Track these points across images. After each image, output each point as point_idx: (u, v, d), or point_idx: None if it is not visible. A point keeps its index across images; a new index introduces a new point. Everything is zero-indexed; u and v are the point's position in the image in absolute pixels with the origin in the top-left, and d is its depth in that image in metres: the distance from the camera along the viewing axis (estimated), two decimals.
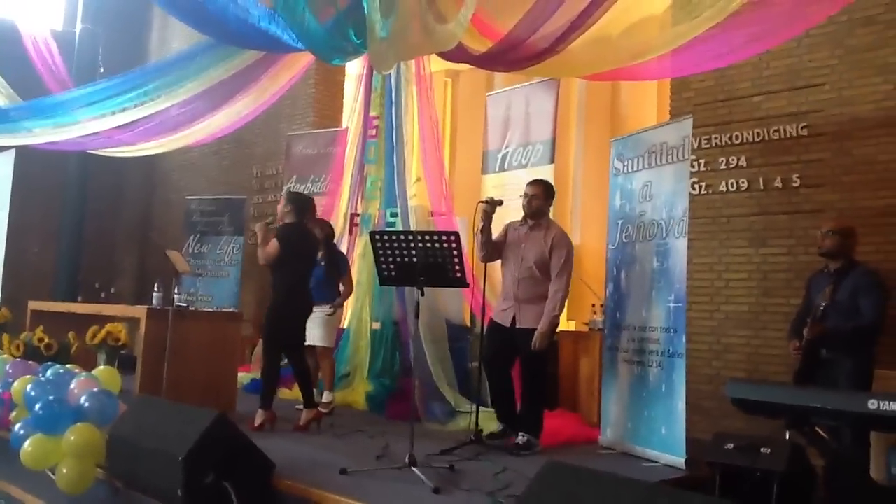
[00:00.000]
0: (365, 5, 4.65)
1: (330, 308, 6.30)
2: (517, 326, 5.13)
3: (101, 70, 10.79)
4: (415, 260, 4.47)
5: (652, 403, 5.00)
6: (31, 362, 5.78)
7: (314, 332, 6.23)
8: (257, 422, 5.55)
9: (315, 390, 6.25)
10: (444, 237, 4.43)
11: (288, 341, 5.74)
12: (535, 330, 5.03)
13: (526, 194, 5.26)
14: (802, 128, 5.71)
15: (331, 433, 5.52)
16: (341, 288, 6.58)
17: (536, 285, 5.12)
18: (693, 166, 6.08)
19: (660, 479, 4.39)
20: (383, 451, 4.84)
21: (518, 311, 5.14)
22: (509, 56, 5.17)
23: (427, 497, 3.88)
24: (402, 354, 6.92)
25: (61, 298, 9.91)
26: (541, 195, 5.23)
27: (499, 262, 5.41)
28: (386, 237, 4.58)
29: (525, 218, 5.27)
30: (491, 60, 5.45)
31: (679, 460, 4.67)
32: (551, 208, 5.39)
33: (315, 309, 6.08)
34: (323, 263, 6.41)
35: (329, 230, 6.70)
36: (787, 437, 3.96)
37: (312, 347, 6.38)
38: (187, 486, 3.76)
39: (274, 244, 5.56)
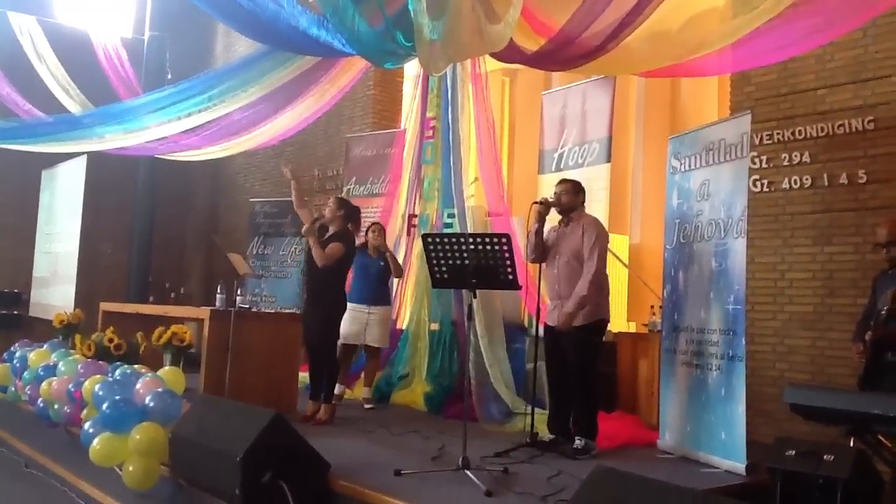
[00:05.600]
0: (411, 9, 4.66)
1: None
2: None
3: (169, 76, 11.09)
4: (466, 262, 4.47)
5: (711, 407, 4.89)
6: (101, 362, 5.98)
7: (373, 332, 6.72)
8: (324, 415, 5.89)
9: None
10: (496, 239, 4.42)
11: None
12: (578, 328, 5.01)
13: (555, 193, 5.26)
14: (869, 121, 5.51)
15: (387, 433, 5.58)
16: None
17: (576, 279, 5.06)
18: (755, 163, 5.95)
19: (718, 486, 4.30)
20: (438, 453, 4.87)
21: (561, 309, 5.10)
22: (561, 54, 5.11)
23: (479, 500, 3.87)
24: (460, 355, 6.94)
25: (134, 300, 10.26)
26: (569, 190, 5.23)
27: None
28: (438, 240, 4.59)
29: (561, 218, 5.27)
30: (543, 59, 5.39)
31: (740, 466, 4.56)
32: (584, 204, 5.35)
33: (372, 308, 6.68)
34: (382, 264, 6.79)
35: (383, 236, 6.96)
36: (852, 443, 3.85)
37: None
38: (245, 486, 3.84)
39: (340, 247, 5.85)
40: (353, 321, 6.65)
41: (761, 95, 6.10)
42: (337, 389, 6.69)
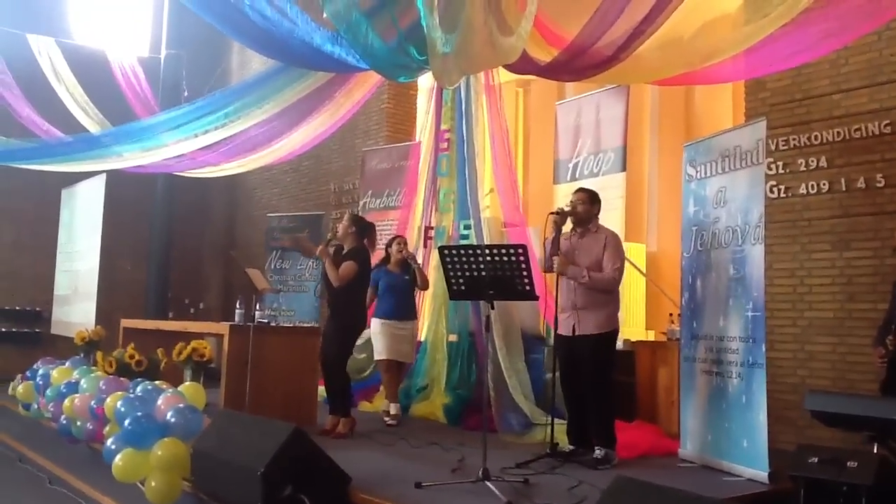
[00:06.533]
0: (424, 23, 4.69)
1: None
2: (577, 334, 5.09)
3: (186, 94, 11.22)
4: (483, 274, 4.47)
5: (732, 415, 4.86)
6: (122, 378, 6.02)
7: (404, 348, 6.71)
8: (343, 429, 5.88)
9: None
10: (512, 250, 4.42)
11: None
12: (595, 336, 5.04)
13: (571, 201, 5.27)
14: (885, 125, 5.48)
15: (406, 445, 5.58)
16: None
17: (595, 291, 5.08)
18: (771, 169, 5.93)
19: (740, 494, 4.28)
20: (458, 465, 4.85)
21: (577, 319, 5.11)
22: (574, 64, 5.13)
23: None
24: (478, 366, 6.93)
25: (153, 316, 10.33)
26: (586, 200, 5.24)
27: None
28: (454, 251, 4.60)
29: (574, 227, 5.27)
30: (556, 70, 5.41)
31: (762, 474, 4.52)
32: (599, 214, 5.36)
33: (401, 323, 6.67)
34: (407, 278, 6.76)
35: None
36: (875, 449, 3.82)
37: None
38: (266, 500, 3.85)
39: (353, 265, 5.88)
40: (392, 337, 6.67)
41: (776, 101, 6.09)
42: (393, 409, 6.64)
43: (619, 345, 6.18)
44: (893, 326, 4.31)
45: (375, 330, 6.70)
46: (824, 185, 5.78)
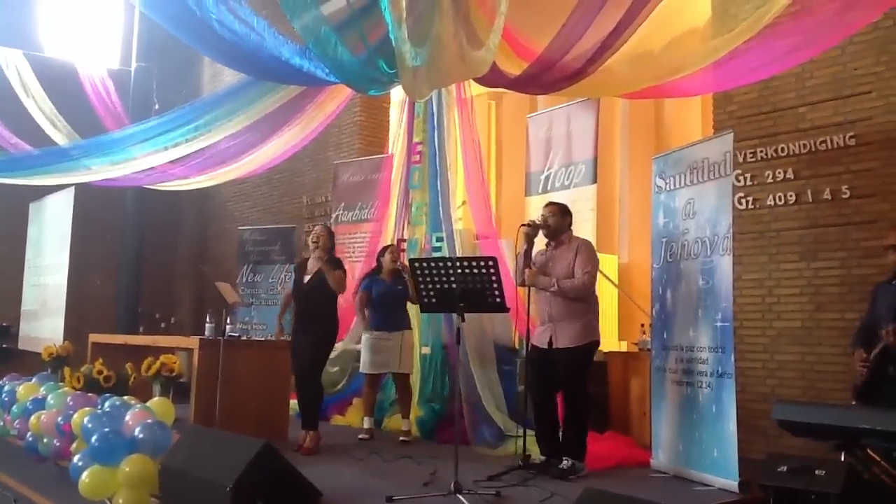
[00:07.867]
0: (393, 37, 4.69)
1: None
2: (555, 347, 5.09)
3: (156, 106, 11.13)
4: (454, 286, 4.48)
5: (703, 425, 4.90)
6: (90, 394, 5.93)
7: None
8: (310, 444, 5.80)
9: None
10: (482, 263, 4.43)
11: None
12: (572, 349, 5.03)
13: (542, 215, 5.29)
14: (850, 137, 5.56)
15: (379, 459, 5.54)
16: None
17: (570, 301, 5.09)
18: (739, 181, 5.99)
19: None
20: (430, 478, 4.83)
21: (554, 331, 5.11)
22: (544, 78, 5.16)
23: None
24: (451, 379, 6.90)
25: (123, 330, 10.21)
26: (556, 213, 5.25)
27: None
28: (425, 264, 4.61)
29: (548, 241, 5.29)
30: (527, 83, 5.44)
31: (733, 483, 4.56)
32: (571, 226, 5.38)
33: (389, 335, 6.53)
34: (399, 288, 6.61)
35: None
36: (843, 457, 3.86)
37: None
38: None
39: (344, 272, 5.98)
40: (376, 349, 6.54)
41: (743, 114, 6.16)
42: (367, 423, 6.59)
43: None
44: (885, 324, 4.24)
45: (363, 342, 6.65)
46: (791, 196, 5.85)
